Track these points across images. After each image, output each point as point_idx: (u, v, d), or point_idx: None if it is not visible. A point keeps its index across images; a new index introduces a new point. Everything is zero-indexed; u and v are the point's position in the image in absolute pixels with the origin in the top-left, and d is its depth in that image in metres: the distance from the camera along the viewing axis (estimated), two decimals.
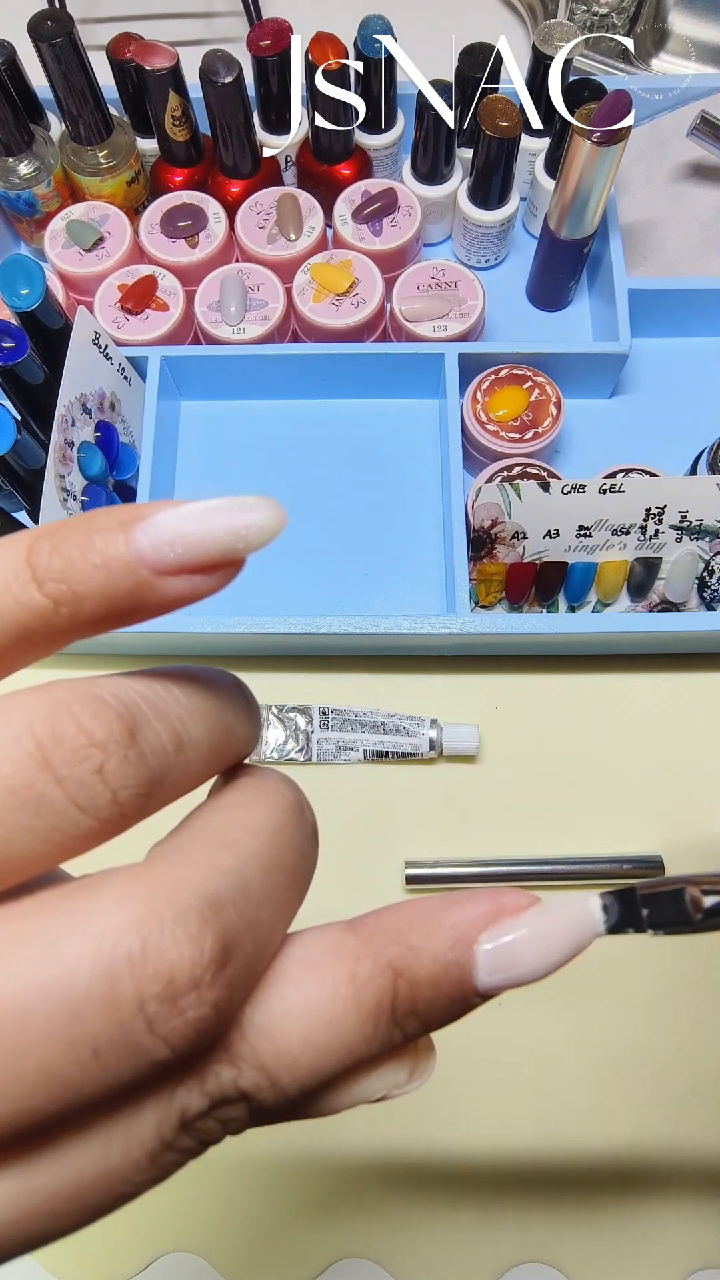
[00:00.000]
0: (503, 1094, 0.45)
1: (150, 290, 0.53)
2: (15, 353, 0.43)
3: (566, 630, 0.46)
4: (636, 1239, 0.43)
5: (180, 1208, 0.44)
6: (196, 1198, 0.44)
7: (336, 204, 0.55)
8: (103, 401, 0.49)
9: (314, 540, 0.54)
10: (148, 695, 0.13)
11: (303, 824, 0.15)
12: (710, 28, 0.64)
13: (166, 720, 0.13)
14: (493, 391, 0.51)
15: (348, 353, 0.53)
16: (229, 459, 0.56)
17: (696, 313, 0.56)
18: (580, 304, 0.59)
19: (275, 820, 0.14)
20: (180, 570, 0.13)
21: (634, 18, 0.65)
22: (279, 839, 0.14)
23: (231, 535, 0.14)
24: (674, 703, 0.51)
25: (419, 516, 0.54)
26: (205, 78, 0.50)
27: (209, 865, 0.13)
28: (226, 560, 0.14)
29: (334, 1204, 0.44)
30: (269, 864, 0.14)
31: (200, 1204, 0.44)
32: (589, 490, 0.46)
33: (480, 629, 0.46)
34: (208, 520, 0.14)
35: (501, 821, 0.49)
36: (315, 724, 0.49)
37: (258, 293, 0.54)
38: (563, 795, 0.49)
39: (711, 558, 0.49)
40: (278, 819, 0.15)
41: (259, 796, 0.15)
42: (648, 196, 0.59)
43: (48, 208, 0.56)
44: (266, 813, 0.15)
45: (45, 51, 0.49)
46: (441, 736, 0.49)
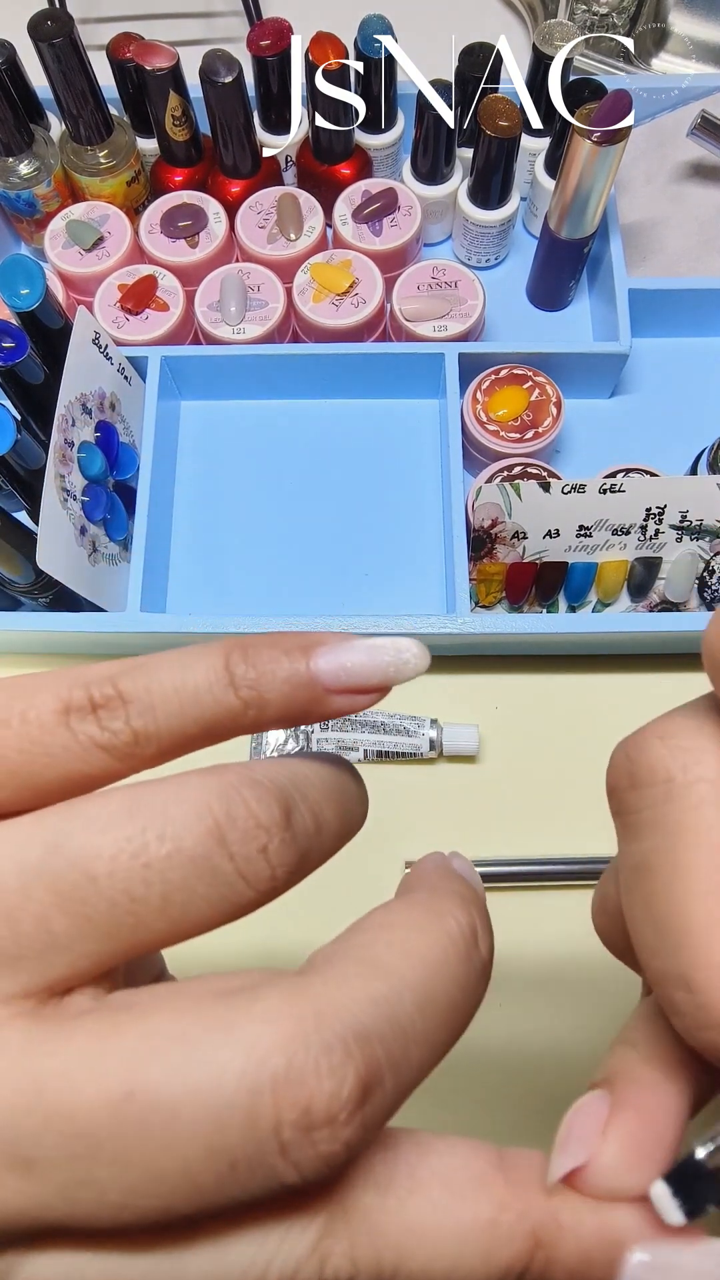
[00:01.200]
0: (504, 1094, 0.45)
1: (150, 290, 0.53)
2: (15, 353, 0.43)
3: (566, 630, 0.46)
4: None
5: None
6: None
7: (336, 204, 0.55)
8: (103, 401, 0.49)
9: (314, 540, 0.54)
10: (294, 780, 0.15)
11: (471, 957, 0.15)
12: (710, 28, 0.64)
13: (309, 804, 0.15)
14: (493, 391, 0.51)
15: (348, 353, 0.53)
16: (229, 459, 0.56)
17: (696, 313, 0.56)
18: (580, 304, 0.59)
19: (439, 951, 0.15)
20: (346, 691, 0.16)
21: (634, 17, 0.65)
22: (440, 973, 0.14)
23: (391, 669, 0.16)
24: (674, 703, 0.51)
25: (419, 516, 0.54)
26: (205, 78, 0.50)
27: (362, 991, 0.13)
28: (382, 687, 0.16)
29: None
30: (424, 998, 0.14)
31: None
32: (589, 490, 0.46)
33: (480, 629, 0.46)
34: (374, 655, 0.16)
35: (501, 821, 0.49)
36: (315, 724, 0.49)
37: (258, 293, 0.54)
38: (563, 795, 0.49)
39: (711, 558, 0.49)
40: (442, 949, 0.15)
41: (427, 919, 0.15)
42: (648, 196, 0.59)
43: (48, 208, 0.56)
44: (431, 940, 0.15)
45: (45, 51, 0.49)
46: (442, 736, 0.49)
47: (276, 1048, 0.12)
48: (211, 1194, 0.12)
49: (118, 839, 0.13)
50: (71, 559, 0.45)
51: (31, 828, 0.14)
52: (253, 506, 0.55)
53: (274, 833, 0.14)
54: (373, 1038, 0.13)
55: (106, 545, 0.49)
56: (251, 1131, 0.12)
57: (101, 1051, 0.12)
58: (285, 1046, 0.12)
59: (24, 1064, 0.13)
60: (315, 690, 0.16)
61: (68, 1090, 0.12)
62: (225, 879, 0.14)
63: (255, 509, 0.55)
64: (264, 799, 0.14)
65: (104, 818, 0.14)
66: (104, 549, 0.49)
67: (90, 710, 0.15)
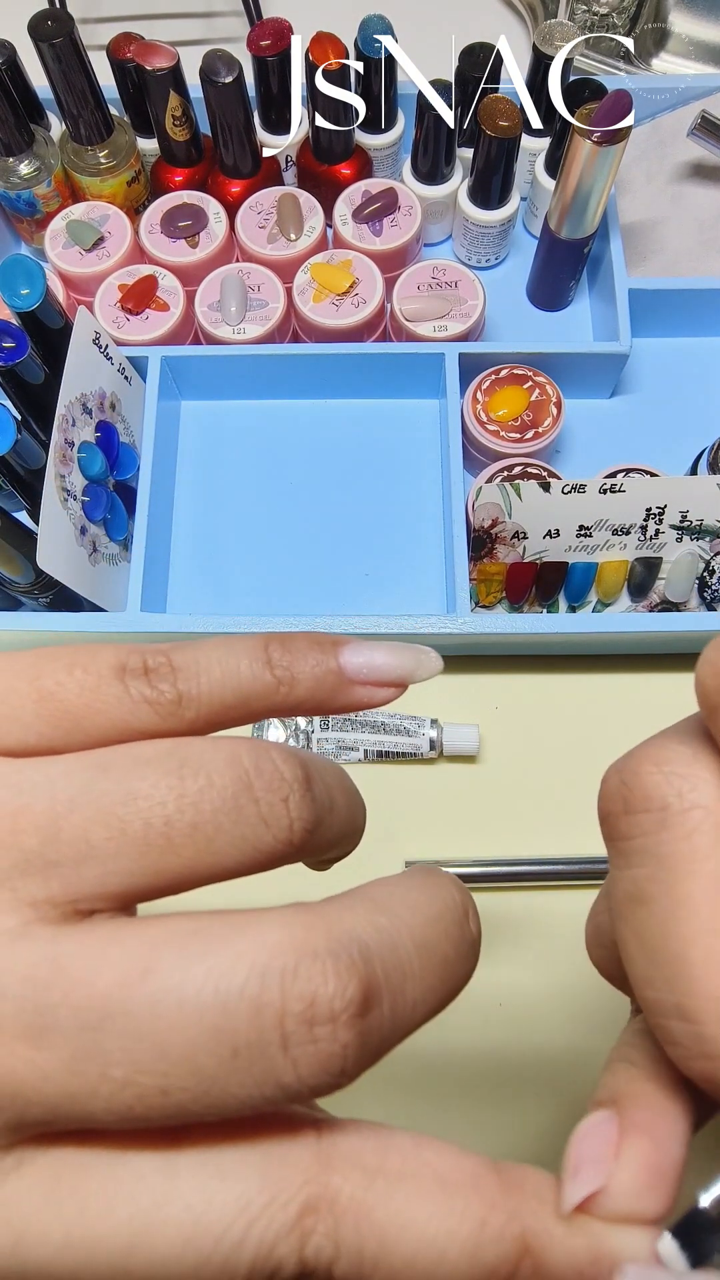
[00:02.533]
0: (504, 1096, 0.45)
1: (150, 290, 0.53)
2: (15, 353, 0.43)
3: (566, 630, 0.46)
4: None
5: None
6: None
7: (337, 204, 0.55)
8: (103, 401, 0.49)
9: (314, 540, 0.54)
10: (317, 763, 0.17)
11: (463, 926, 0.16)
12: (710, 28, 0.64)
13: (325, 782, 0.17)
14: (493, 391, 0.51)
15: (348, 353, 0.53)
16: (229, 459, 0.56)
17: (696, 313, 0.56)
18: (580, 304, 0.59)
19: (436, 908, 0.16)
20: (368, 683, 0.18)
21: (634, 18, 0.65)
22: (436, 926, 0.15)
23: (410, 666, 0.19)
24: (674, 703, 0.51)
25: (419, 516, 0.54)
26: (205, 78, 0.50)
27: (367, 919, 0.14)
28: (400, 683, 0.19)
29: None
30: (421, 943, 0.15)
31: None
32: (589, 490, 0.46)
33: (480, 629, 0.46)
34: (396, 654, 0.19)
35: (501, 821, 0.49)
36: (315, 723, 0.49)
37: (258, 293, 0.54)
38: (563, 795, 0.49)
39: (712, 558, 0.49)
40: (439, 911, 0.16)
41: (425, 885, 0.16)
42: (648, 196, 0.59)
43: (48, 208, 0.56)
44: (428, 898, 0.16)
45: (45, 51, 0.49)
46: (442, 736, 0.49)
47: (288, 946, 0.13)
48: (210, 1080, 0.13)
49: (159, 769, 0.15)
50: (71, 559, 0.45)
51: (83, 757, 0.15)
52: (253, 506, 0.55)
53: (295, 788, 0.15)
54: (374, 958, 0.14)
55: (107, 545, 0.49)
56: (256, 1018, 0.13)
57: (122, 938, 0.14)
58: (296, 947, 0.13)
59: (47, 949, 0.13)
60: (341, 679, 0.18)
61: (87, 967, 0.13)
62: (249, 820, 0.15)
63: (255, 509, 0.55)
64: (289, 760, 0.16)
65: (148, 753, 0.15)
66: (104, 549, 0.49)
67: (143, 673, 0.16)
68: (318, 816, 0.16)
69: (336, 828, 0.17)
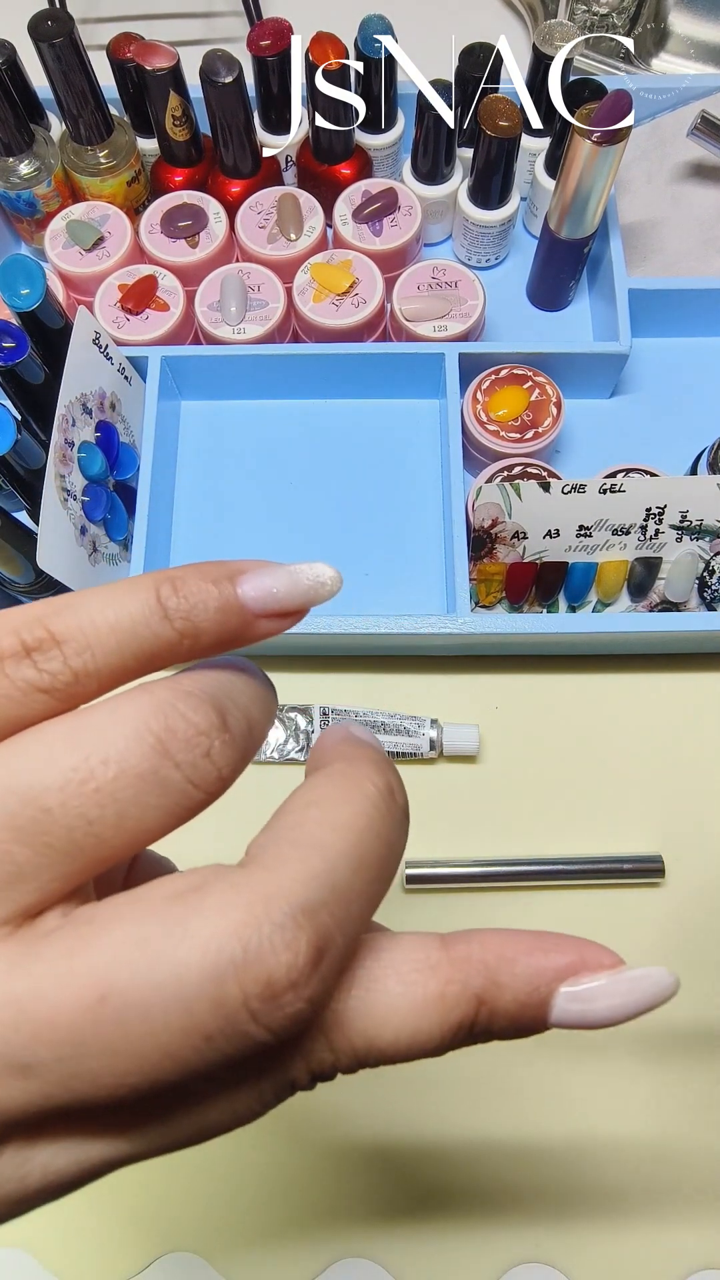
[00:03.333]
0: (504, 1094, 0.45)
1: (150, 290, 0.53)
2: (15, 353, 0.43)
3: (566, 630, 0.46)
4: (637, 1239, 0.43)
5: (180, 1208, 0.44)
6: (196, 1198, 0.44)
7: (337, 204, 0.55)
8: (103, 401, 0.49)
9: (314, 540, 0.54)
10: (222, 686, 0.16)
11: (391, 812, 0.16)
12: (710, 28, 0.64)
13: (239, 706, 0.16)
14: (493, 391, 0.51)
15: (348, 353, 0.53)
16: (229, 459, 0.56)
17: (696, 313, 0.56)
18: (580, 304, 0.59)
19: (364, 816, 0.16)
20: (272, 614, 0.17)
21: (634, 18, 0.65)
22: (367, 836, 0.16)
23: (311, 592, 0.17)
24: (674, 703, 0.51)
25: (419, 516, 0.54)
26: (205, 78, 0.50)
27: (302, 870, 0.14)
28: (303, 609, 0.17)
29: (334, 1204, 0.44)
30: (357, 861, 0.15)
31: (200, 1204, 0.44)
32: (589, 490, 0.46)
33: (480, 629, 0.46)
34: (296, 579, 0.17)
35: (501, 821, 0.49)
36: (315, 724, 0.49)
37: (258, 293, 0.54)
38: (563, 795, 0.49)
39: (712, 558, 0.49)
40: (367, 814, 0.16)
41: (349, 789, 0.16)
42: (648, 196, 0.59)
43: (48, 208, 0.56)
44: (355, 809, 0.16)
45: (45, 51, 0.49)
46: (442, 736, 0.49)
47: (231, 935, 0.13)
48: (194, 1063, 0.14)
49: (64, 770, 0.14)
50: (71, 559, 0.45)
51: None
52: (253, 506, 0.55)
53: (214, 735, 0.15)
54: (318, 908, 0.14)
55: (107, 545, 0.49)
56: (220, 1009, 0.13)
57: (70, 966, 0.14)
58: (239, 933, 0.14)
59: (4, 987, 0.14)
60: (245, 616, 0.17)
61: (46, 1005, 0.13)
62: (176, 786, 0.15)
63: (255, 509, 0.55)
64: (199, 707, 0.15)
65: (46, 752, 0.14)
66: (104, 549, 0.49)
67: (24, 654, 0.15)
68: (243, 751, 0.16)
69: (258, 742, 0.17)
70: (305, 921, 0.14)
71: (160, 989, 0.13)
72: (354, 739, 0.18)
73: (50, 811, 0.14)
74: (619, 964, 0.16)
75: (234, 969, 0.13)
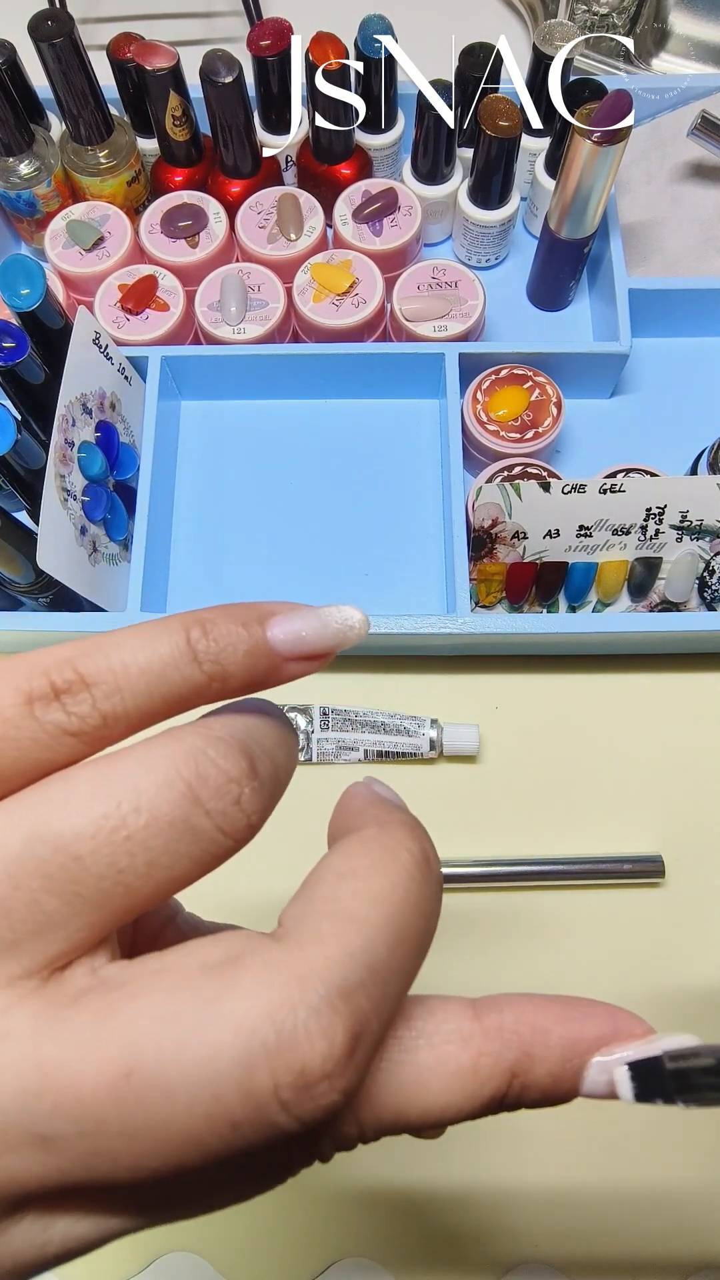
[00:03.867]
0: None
1: (150, 290, 0.53)
2: (15, 353, 0.43)
3: (566, 630, 0.46)
4: (637, 1240, 0.43)
5: None
6: None
7: (337, 204, 0.55)
8: (103, 401, 0.49)
9: (314, 540, 0.54)
10: (249, 731, 0.16)
11: (427, 881, 0.16)
12: (710, 28, 0.64)
13: (266, 751, 0.16)
14: (493, 391, 0.51)
15: (348, 353, 0.53)
16: (229, 459, 0.56)
17: (696, 313, 0.56)
18: (580, 304, 0.59)
19: (401, 888, 0.15)
20: (300, 658, 0.17)
21: (634, 18, 0.65)
22: (404, 909, 0.15)
23: (340, 635, 0.17)
24: (674, 703, 0.51)
25: (419, 516, 0.54)
26: (205, 78, 0.50)
27: (338, 949, 0.14)
28: (331, 652, 0.17)
29: (334, 1204, 0.44)
30: (395, 937, 0.15)
31: None
32: (589, 490, 0.46)
33: (480, 629, 0.46)
34: (325, 622, 0.17)
35: (501, 821, 0.49)
36: (315, 724, 0.49)
37: (258, 293, 0.54)
38: (563, 795, 0.49)
39: (712, 558, 0.49)
40: (404, 885, 0.15)
41: (384, 859, 0.16)
42: (648, 196, 0.59)
43: (48, 208, 0.56)
44: (392, 880, 0.15)
45: (45, 51, 0.49)
46: (442, 736, 0.49)
47: (265, 1019, 0.13)
48: (217, 1150, 0.13)
49: (95, 818, 0.14)
50: (71, 559, 0.45)
51: (7, 819, 0.14)
52: (253, 506, 0.55)
53: (244, 782, 0.15)
54: (355, 990, 0.14)
55: (107, 545, 0.49)
56: (249, 1098, 0.13)
57: (98, 1036, 0.13)
58: (273, 1017, 0.13)
59: (30, 1051, 0.13)
60: (274, 659, 0.16)
61: (70, 1075, 0.13)
62: (205, 834, 0.14)
63: (255, 509, 0.55)
64: (229, 754, 0.15)
65: (78, 799, 0.14)
66: (104, 549, 0.49)
67: (54, 697, 0.15)
68: (270, 797, 0.16)
69: (284, 787, 0.16)
70: (342, 1005, 0.13)
71: (188, 1072, 0.13)
72: (382, 801, 0.18)
73: (81, 859, 0.14)
74: (650, 1033, 0.16)
75: (266, 1055, 0.13)
